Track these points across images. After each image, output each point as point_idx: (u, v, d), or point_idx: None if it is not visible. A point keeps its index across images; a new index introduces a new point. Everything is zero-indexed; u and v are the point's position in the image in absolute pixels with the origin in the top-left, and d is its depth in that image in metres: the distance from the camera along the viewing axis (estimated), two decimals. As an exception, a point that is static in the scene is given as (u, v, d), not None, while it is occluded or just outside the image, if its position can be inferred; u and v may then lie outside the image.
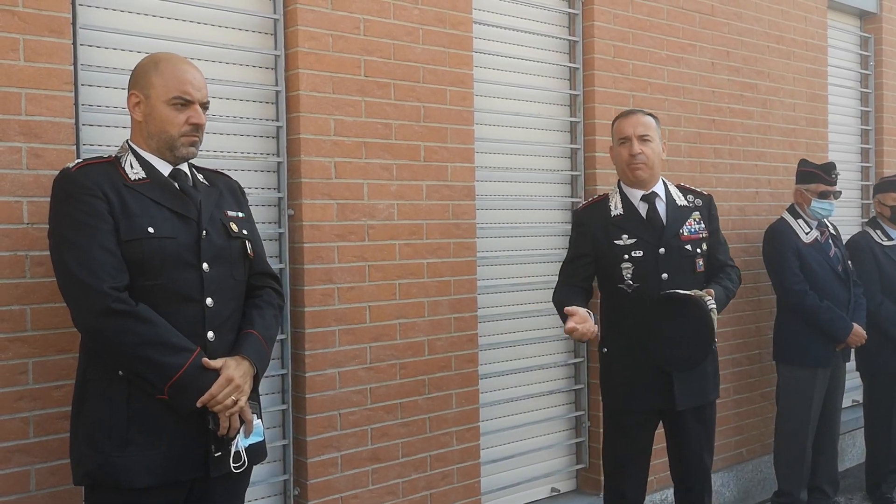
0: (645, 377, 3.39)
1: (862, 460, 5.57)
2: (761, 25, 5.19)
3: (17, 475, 2.65)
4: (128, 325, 2.23)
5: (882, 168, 6.21)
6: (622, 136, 3.46)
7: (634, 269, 3.39)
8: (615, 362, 3.47)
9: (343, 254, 3.42)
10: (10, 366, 2.64)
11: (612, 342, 3.48)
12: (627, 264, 3.39)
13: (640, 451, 3.51)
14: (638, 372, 3.40)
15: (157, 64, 2.44)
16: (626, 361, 3.42)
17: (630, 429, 3.47)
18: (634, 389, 3.41)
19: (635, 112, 3.50)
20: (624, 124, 3.46)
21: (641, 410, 3.45)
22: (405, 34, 3.59)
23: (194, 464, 2.36)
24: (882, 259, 4.98)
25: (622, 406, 3.48)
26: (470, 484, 3.84)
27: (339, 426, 3.42)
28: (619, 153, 3.48)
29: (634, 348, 3.39)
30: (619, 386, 3.46)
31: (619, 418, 3.50)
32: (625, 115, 3.50)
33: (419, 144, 3.64)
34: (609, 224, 3.44)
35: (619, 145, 3.47)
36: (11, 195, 2.64)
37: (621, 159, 3.47)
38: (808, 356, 4.58)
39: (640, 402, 3.43)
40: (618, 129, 3.48)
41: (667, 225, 3.44)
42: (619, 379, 3.45)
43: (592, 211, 3.52)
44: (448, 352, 3.75)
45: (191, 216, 2.42)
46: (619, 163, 3.49)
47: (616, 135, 3.50)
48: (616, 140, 3.50)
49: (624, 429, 3.48)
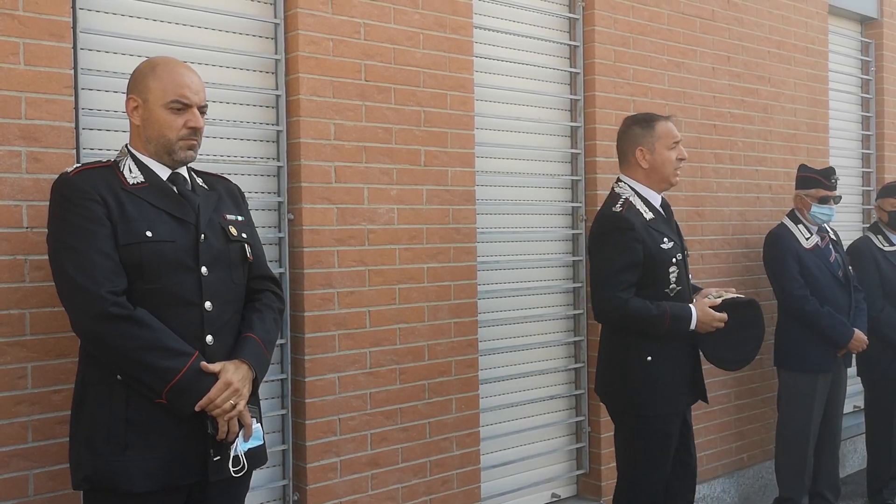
0: (685, 378, 3.43)
1: (863, 466, 5.56)
2: (762, 31, 5.19)
3: (15, 480, 2.65)
4: (126, 329, 2.23)
5: (883, 173, 6.21)
6: (676, 140, 3.43)
7: (677, 273, 3.39)
8: (659, 369, 3.35)
9: (343, 258, 3.42)
10: (9, 370, 2.63)
11: (654, 349, 3.35)
12: (674, 268, 3.37)
13: (672, 453, 3.49)
14: (679, 375, 3.41)
15: (155, 68, 2.44)
16: (668, 366, 3.37)
17: (672, 433, 3.45)
18: (678, 392, 3.42)
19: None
20: (673, 128, 3.44)
21: (680, 412, 3.46)
22: (405, 39, 3.59)
23: (193, 468, 2.35)
24: (883, 264, 4.97)
25: (668, 410, 3.40)
26: (470, 489, 3.82)
27: (339, 431, 3.41)
28: (669, 157, 3.41)
29: (674, 352, 3.39)
30: (665, 390, 3.37)
31: (662, 425, 3.40)
32: (666, 118, 3.47)
33: (419, 149, 3.64)
34: (647, 227, 3.35)
35: (670, 148, 3.41)
36: (11, 199, 2.64)
37: (670, 162, 3.41)
38: (810, 362, 4.57)
39: (681, 403, 3.45)
40: (668, 132, 3.42)
41: (678, 229, 3.46)
42: (665, 384, 3.37)
43: (631, 213, 3.35)
44: (448, 356, 3.74)
45: (189, 220, 2.42)
46: (667, 166, 3.42)
47: (666, 137, 3.41)
48: (665, 142, 3.41)
49: (667, 435, 3.42)
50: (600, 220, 3.42)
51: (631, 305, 3.25)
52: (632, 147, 3.45)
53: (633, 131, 3.46)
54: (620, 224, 3.30)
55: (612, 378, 3.46)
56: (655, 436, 3.40)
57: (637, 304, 3.26)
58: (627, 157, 3.48)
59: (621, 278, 3.26)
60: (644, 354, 3.34)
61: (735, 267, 4.93)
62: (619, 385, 3.43)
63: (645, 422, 3.39)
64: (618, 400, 3.47)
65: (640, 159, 3.43)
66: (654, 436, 3.40)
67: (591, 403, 4.40)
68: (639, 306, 3.26)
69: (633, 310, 3.25)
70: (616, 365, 3.43)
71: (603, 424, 4.36)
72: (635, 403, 3.39)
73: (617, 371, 3.43)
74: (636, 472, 3.44)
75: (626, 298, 3.25)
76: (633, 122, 3.49)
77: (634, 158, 3.44)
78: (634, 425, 3.42)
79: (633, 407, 3.40)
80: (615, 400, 3.49)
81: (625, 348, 3.38)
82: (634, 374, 3.36)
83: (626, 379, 3.39)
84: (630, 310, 3.25)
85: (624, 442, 3.49)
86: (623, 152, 3.51)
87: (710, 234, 4.84)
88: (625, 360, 3.39)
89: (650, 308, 3.26)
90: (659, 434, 3.40)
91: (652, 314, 3.26)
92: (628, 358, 3.38)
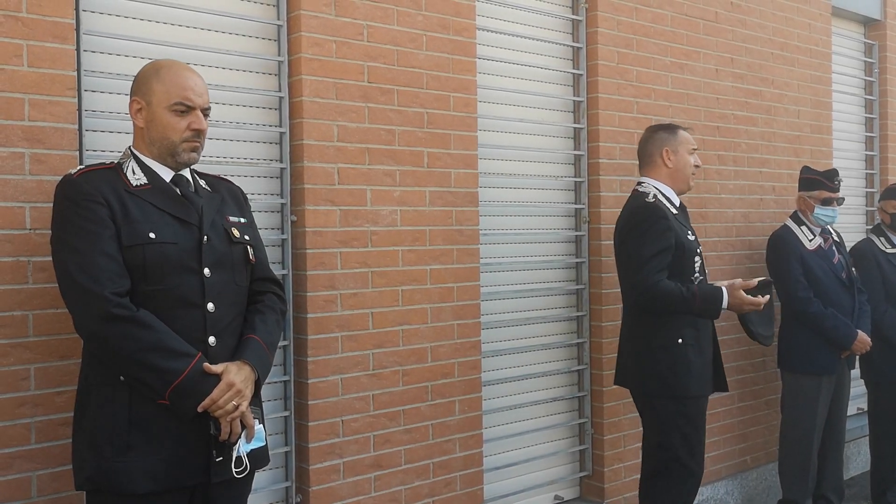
0: (710, 365, 3.68)
1: (867, 468, 5.54)
2: (766, 32, 5.19)
3: (18, 481, 2.65)
4: (129, 330, 2.23)
5: (886, 175, 6.20)
6: (694, 147, 3.77)
7: (700, 263, 3.68)
8: (691, 350, 3.58)
9: (346, 260, 3.42)
10: (12, 372, 2.64)
11: (685, 332, 3.57)
12: (697, 258, 3.66)
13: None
14: (707, 357, 3.66)
15: (159, 70, 2.45)
16: (698, 348, 3.60)
17: (705, 411, 3.67)
18: (708, 376, 3.66)
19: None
20: (691, 137, 3.78)
21: (707, 396, 3.71)
22: (409, 40, 3.59)
23: (196, 469, 2.35)
24: (886, 267, 4.96)
25: (703, 390, 3.63)
26: (473, 491, 3.82)
27: (342, 433, 3.41)
28: (689, 160, 3.74)
29: (702, 339, 3.62)
30: (699, 370, 3.60)
31: (700, 402, 3.63)
32: (685, 129, 3.81)
33: (422, 150, 3.64)
34: (674, 219, 3.60)
35: (690, 154, 3.74)
36: (14, 201, 2.64)
37: (689, 167, 3.74)
38: (814, 363, 4.56)
39: (709, 387, 3.69)
40: (688, 139, 3.76)
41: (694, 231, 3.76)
42: (698, 365, 3.59)
43: (662, 205, 3.61)
44: (451, 358, 3.74)
45: (192, 221, 2.42)
46: (688, 168, 3.73)
47: (687, 143, 3.74)
48: (686, 147, 3.74)
49: (702, 412, 3.65)
50: (633, 211, 3.65)
51: (662, 286, 3.47)
52: (658, 149, 3.74)
53: (660, 135, 3.76)
54: (655, 213, 3.56)
55: (645, 363, 3.62)
56: (697, 415, 3.62)
57: (668, 284, 3.49)
58: (653, 159, 3.75)
59: (654, 262, 3.49)
60: (676, 337, 3.56)
61: (738, 269, 4.93)
62: (653, 369, 3.60)
63: (685, 403, 3.58)
64: (652, 384, 3.62)
65: (666, 159, 3.72)
66: (697, 415, 3.61)
67: (594, 405, 4.40)
68: (671, 287, 3.48)
69: (665, 290, 3.47)
70: (648, 350, 3.61)
71: (606, 426, 4.35)
72: (671, 385, 3.57)
73: (650, 356, 3.61)
74: (682, 451, 3.60)
75: (658, 280, 3.48)
76: (658, 128, 3.82)
77: (661, 159, 3.73)
78: (675, 408, 3.58)
79: (670, 388, 3.57)
80: (648, 385, 3.64)
81: (656, 333, 3.59)
82: (669, 356, 3.57)
83: (660, 362, 3.58)
84: (662, 290, 3.47)
85: (664, 426, 3.61)
86: (648, 154, 3.78)
87: (713, 235, 4.83)
88: (658, 344, 3.58)
89: (681, 289, 3.49)
90: (700, 413, 3.63)
91: (683, 294, 3.48)
92: (661, 342, 3.58)
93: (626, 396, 4.41)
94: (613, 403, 4.39)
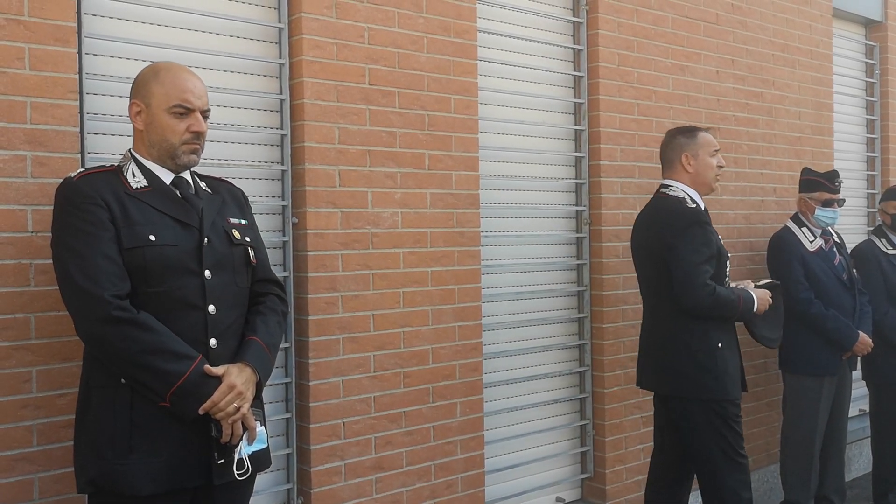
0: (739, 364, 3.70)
1: (869, 469, 5.54)
2: (766, 34, 5.19)
3: (20, 483, 2.65)
4: (129, 332, 2.23)
5: (887, 176, 6.20)
6: (716, 148, 3.75)
7: (729, 268, 3.74)
8: (728, 354, 3.60)
9: (347, 262, 3.42)
10: (15, 374, 2.64)
11: (722, 337, 3.59)
12: (728, 262, 3.72)
13: None
14: (738, 360, 3.69)
15: (158, 73, 2.45)
16: (731, 353, 3.63)
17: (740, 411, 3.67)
18: (739, 379, 3.67)
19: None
20: (713, 138, 3.77)
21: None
22: (410, 43, 3.60)
23: (197, 471, 2.36)
24: (887, 268, 4.96)
25: (737, 394, 3.64)
26: (474, 493, 3.82)
27: (343, 435, 3.41)
28: (711, 163, 3.72)
29: (734, 342, 3.68)
30: (735, 374, 3.63)
31: (737, 405, 3.63)
32: (706, 129, 3.80)
33: (423, 153, 3.65)
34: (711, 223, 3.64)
35: (711, 156, 3.73)
36: (16, 203, 2.65)
37: (711, 168, 3.72)
38: (815, 365, 4.56)
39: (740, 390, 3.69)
40: (709, 141, 3.74)
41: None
42: (733, 368, 3.62)
43: (700, 210, 3.63)
44: (452, 360, 3.74)
45: (192, 223, 2.43)
46: (709, 171, 3.72)
47: (707, 145, 3.73)
48: (707, 149, 3.72)
49: (739, 412, 3.65)
50: (678, 215, 3.60)
51: (719, 292, 3.50)
52: (677, 154, 3.74)
53: (679, 140, 3.76)
54: (701, 218, 3.58)
55: (681, 367, 3.59)
56: (737, 417, 3.62)
57: (722, 290, 3.53)
58: (673, 164, 3.76)
59: (706, 268, 3.51)
60: (715, 342, 3.57)
61: (739, 270, 4.92)
62: (692, 373, 3.57)
63: (726, 407, 3.57)
64: (690, 388, 3.60)
65: (686, 164, 3.72)
66: (737, 417, 3.61)
67: (596, 407, 4.40)
68: (724, 292, 3.54)
69: (721, 296, 3.51)
70: (686, 354, 3.58)
71: (607, 428, 4.36)
72: (711, 388, 3.56)
73: (688, 360, 3.57)
74: (732, 452, 3.60)
75: (714, 286, 3.50)
76: (677, 132, 3.80)
77: (681, 164, 3.73)
78: (717, 411, 3.56)
79: (709, 392, 3.56)
80: (686, 388, 3.60)
81: (694, 337, 3.56)
82: (708, 360, 3.55)
83: (699, 366, 3.56)
84: (718, 296, 3.50)
85: (707, 430, 3.58)
86: (669, 159, 3.78)
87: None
88: (697, 348, 3.56)
89: (730, 293, 3.57)
90: (738, 413, 3.62)
91: (731, 299, 3.56)
92: (702, 346, 3.56)
93: (627, 398, 4.41)
94: (615, 405, 4.39)
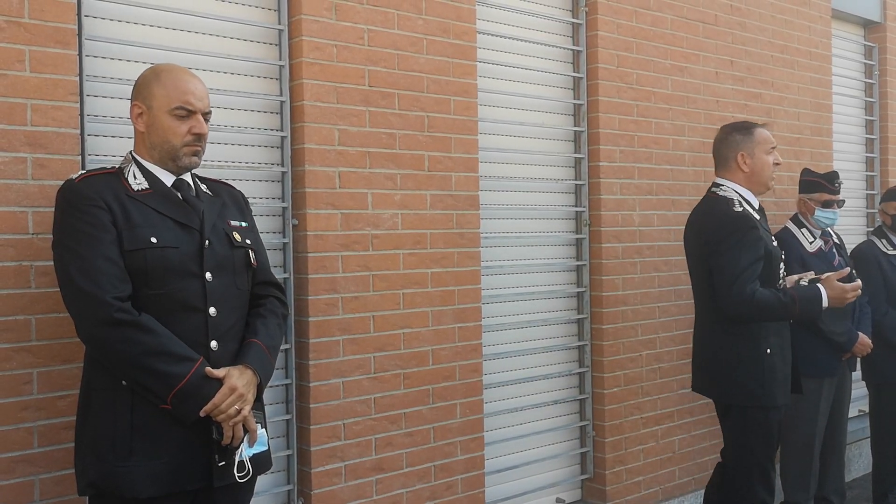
0: (789, 372, 3.64)
1: (868, 470, 5.54)
2: (765, 35, 5.19)
3: (21, 485, 2.65)
4: (130, 334, 2.24)
5: (887, 177, 6.20)
6: (773, 145, 3.64)
7: (783, 270, 3.66)
8: (777, 359, 3.56)
9: (347, 263, 3.42)
10: (15, 376, 2.64)
11: (771, 341, 3.55)
12: (781, 264, 3.64)
13: None
14: (789, 365, 3.63)
15: (159, 75, 2.45)
16: (782, 356, 3.59)
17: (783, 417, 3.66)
18: (788, 385, 3.62)
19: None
20: (769, 134, 3.64)
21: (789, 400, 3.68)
22: (409, 44, 3.60)
23: (198, 474, 2.36)
24: (887, 268, 4.96)
25: (784, 401, 3.59)
26: (474, 494, 3.83)
27: (343, 436, 3.42)
28: (767, 161, 3.62)
29: (785, 347, 3.61)
30: (782, 379, 3.58)
31: (780, 412, 3.60)
32: (762, 125, 3.68)
33: (423, 154, 3.65)
34: (760, 227, 3.53)
35: (768, 153, 3.62)
36: (17, 205, 2.65)
37: (768, 166, 3.62)
38: (815, 366, 4.55)
39: (788, 395, 3.64)
40: (766, 138, 3.63)
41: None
42: (782, 373, 3.58)
43: (749, 214, 3.54)
44: (452, 361, 3.74)
45: (193, 226, 2.43)
46: (766, 170, 3.62)
47: (764, 143, 3.62)
48: (764, 147, 3.61)
49: (780, 422, 3.63)
50: (722, 221, 3.51)
51: (759, 295, 3.40)
52: (733, 152, 3.64)
53: (734, 138, 3.65)
54: (746, 223, 3.47)
55: (729, 373, 3.56)
56: (776, 425, 3.59)
57: (765, 293, 3.43)
58: (728, 162, 3.66)
59: (748, 273, 3.41)
60: (764, 347, 3.52)
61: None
62: (738, 379, 3.55)
63: (767, 413, 3.54)
64: (737, 394, 3.57)
65: (742, 163, 3.62)
66: (776, 425, 3.58)
67: (596, 408, 4.40)
68: (768, 295, 3.43)
69: (763, 299, 3.41)
70: (734, 360, 3.55)
71: (607, 429, 4.36)
72: (757, 395, 3.52)
73: (736, 366, 3.54)
74: (759, 457, 3.57)
75: (755, 290, 3.40)
76: (732, 129, 3.69)
77: (736, 163, 3.63)
78: (757, 417, 3.55)
79: (754, 399, 3.53)
80: (733, 395, 3.58)
81: (743, 343, 3.53)
82: (756, 367, 3.52)
83: (747, 373, 3.53)
84: (759, 300, 3.40)
85: (747, 432, 3.58)
86: (724, 157, 3.68)
87: (713, 238, 4.83)
88: (746, 355, 3.53)
89: (778, 295, 3.45)
90: (778, 423, 3.60)
91: (781, 301, 3.44)
92: (749, 352, 3.52)
93: (627, 399, 4.42)
94: (615, 406, 4.39)
